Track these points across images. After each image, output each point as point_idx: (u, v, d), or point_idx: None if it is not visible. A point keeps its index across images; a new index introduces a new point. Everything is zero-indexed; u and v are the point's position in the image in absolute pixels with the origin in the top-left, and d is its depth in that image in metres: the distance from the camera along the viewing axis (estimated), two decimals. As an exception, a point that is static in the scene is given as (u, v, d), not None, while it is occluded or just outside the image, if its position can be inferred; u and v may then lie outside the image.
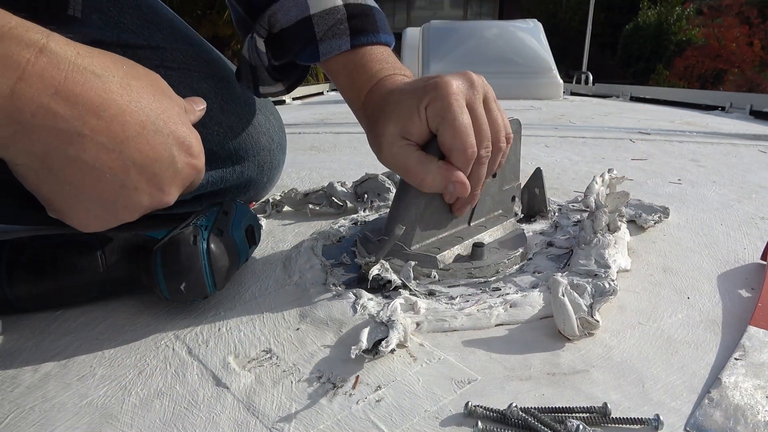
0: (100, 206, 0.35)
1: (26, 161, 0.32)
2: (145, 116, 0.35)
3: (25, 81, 0.30)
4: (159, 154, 0.36)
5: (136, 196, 0.36)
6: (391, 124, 0.46)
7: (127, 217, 0.37)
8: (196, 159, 0.39)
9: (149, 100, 0.35)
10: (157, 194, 0.37)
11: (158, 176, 0.36)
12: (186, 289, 0.42)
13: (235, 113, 0.63)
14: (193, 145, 0.39)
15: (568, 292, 0.42)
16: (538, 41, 2.89)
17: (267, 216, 0.73)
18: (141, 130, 0.34)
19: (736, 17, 10.89)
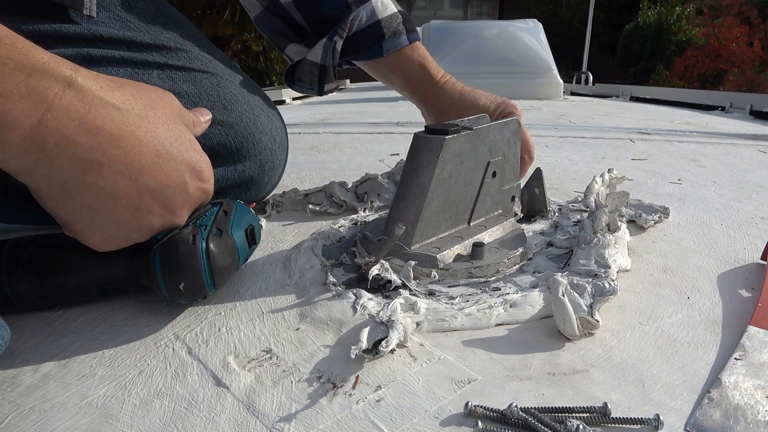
0: (114, 228, 0.38)
1: (47, 186, 0.34)
2: (160, 145, 0.37)
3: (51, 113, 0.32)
4: (172, 180, 0.38)
5: (148, 219, 0.38)
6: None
7: (139, 237, 0.40)
8: (205, 183, 0.42)
9: (164, 129, 0.38)
10: (168, 216, 0.40)
11: (170, 200, 0.39)
12: (185, 288, 0.42)
13: (237, 112, 0.64)
14: (204, 170, 0.41)
15: (568, 291, 0.42)
16: (538, 41, 2.89)
17: (267, 216, 0.73)
18: (156, 159, 0.37)
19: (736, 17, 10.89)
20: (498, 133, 0.56)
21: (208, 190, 0.43)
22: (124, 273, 0.46)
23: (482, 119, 0.58)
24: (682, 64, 10.62)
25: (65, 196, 0.35)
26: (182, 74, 0.60)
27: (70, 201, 0.35)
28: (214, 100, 0.62)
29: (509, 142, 0.58)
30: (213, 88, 0.62)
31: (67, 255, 0.45)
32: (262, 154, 0.67)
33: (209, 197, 0.44)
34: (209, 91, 0.62)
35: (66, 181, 0.34)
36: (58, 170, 0.33)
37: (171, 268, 0.42)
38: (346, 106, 2.46)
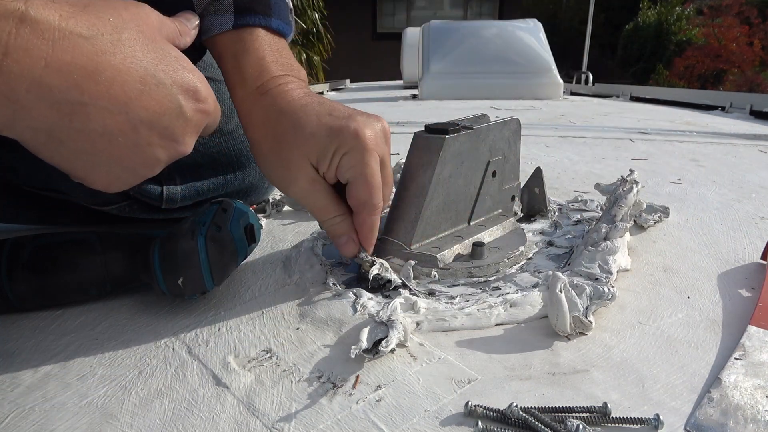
0: (119, 168, 0.35)
1: (34, 138, 0.32)
2: (144, 70, 0.33)
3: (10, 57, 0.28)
4: (165, 106, 0.34)
5: (151, 152, 0.35)
6: (304, 158, 0.44)
7: (149, 172, 0.37)
8: (204, 103, 0.37)
9: (144, 51, 0.33)
10: (172, 146, 0.36)
11: (169, 128, 0.35)
12: (184, 284, 0.42)
13: (235, 118, 0.63)
14: (200, 89, 0.37)
15: (566, 289, 0.42)
16: (538, 41, 2.89)
17: (267, 215, 0.73)
18: (142, 87, 0.33)
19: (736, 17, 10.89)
20: (498, 132, 0.56)
21: (208, 110, 0.38)
22: (123, 271, 0.46)
23: (482, 118, 0.58)
24: (682, 64, 10.62)
25: (57, 144, 0.32)
26: None
27: (64, 149, 0.32)
28: None
29: (509, 141, 0.58)
30: None
31: (66, 254, 0.45)
32: None
33: (213, 119, 0.39)
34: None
35: (52, 130, 0.31)
36: (40, 119, 0.30)
37: (170, 263, 0.42)
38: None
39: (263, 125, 0.45)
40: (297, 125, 0.43)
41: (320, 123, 0.43)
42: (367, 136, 0.43)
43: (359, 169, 0.43)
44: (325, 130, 0.43)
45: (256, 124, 0.46)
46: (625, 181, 0.62)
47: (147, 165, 0.36)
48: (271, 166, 0.46)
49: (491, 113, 0.59)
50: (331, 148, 0.43)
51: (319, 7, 6.10)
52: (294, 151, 0.44)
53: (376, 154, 0.44)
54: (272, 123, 0.44)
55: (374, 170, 0.44)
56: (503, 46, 2.85)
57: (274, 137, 0.44)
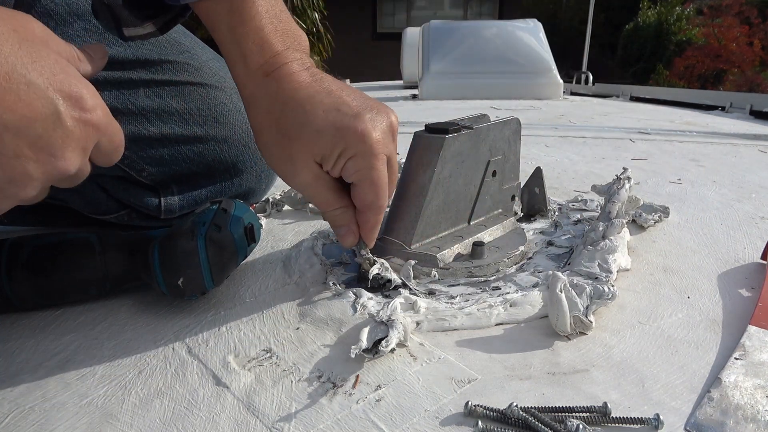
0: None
1: None
2: (10, 66, 0.28)
3: None
4: (37, 111, 0.29)
5: (20, 166, 0.29)
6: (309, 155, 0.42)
7: (20, 192, 0.30)
8: (90, 113, 0.31)
9: (14, 47, 0.29)
10: (47, 161, 0.30)
11: (43, 139, 0.29)
12: (184, 284, 0.42)
13: (229, 124, 0.61)
14: (84, 97, 0.31)
15: (566, 289, 0.42)
16: (538, 41, 2.89)
17: (267, 215, 0.73)
18: (7, 85, 0.28)
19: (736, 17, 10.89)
20: (498, 132, 0.56)
21: (95, 122, 0.32)
22: (123, 271, 0.46)
23: (482, 118, 0.58)
24: (682, 64, 10.62)
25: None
26: (170, 89, 0.58)
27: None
28: (205, 114, 0.59)
29: (509, 141, 0.58)
30: (203, 101, 0.59)
31: (66, 254, 0.45)
32: (258, 164, 0.65)
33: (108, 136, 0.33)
34: (199, 105, 0.59)
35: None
36: None
37: (170, 264, 0.42)
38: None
39: (268, 113, 0.43)
40: (304, 121, 0.42)
41: (327, 120, 0.41)
42: (375, 139, 0.41)
43: (366, 173, 0.42)
44: (332, 129, 0.41)
45: (260, 110, 0.43)
46: (619, 179, 0.62)
47: (15, 182, 0.30)
48: (274, 157, 0.44)
49: (491, 113, 0.59)
50: (337, 149, 0.41)
51: (319, 7, 6.10)
52: (299, 148, 0.42)
53: (383, 156, 0.42)
54: (277, 113, 0.42)
55: (381, 173, 0.43)
56: (503, 46, 2.85)
57: (279, 129, 0.42)
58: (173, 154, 0.58)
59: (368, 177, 0.42)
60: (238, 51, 0.42)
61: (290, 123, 0.42)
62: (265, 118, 0.43)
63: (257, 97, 0.43)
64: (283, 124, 0.42)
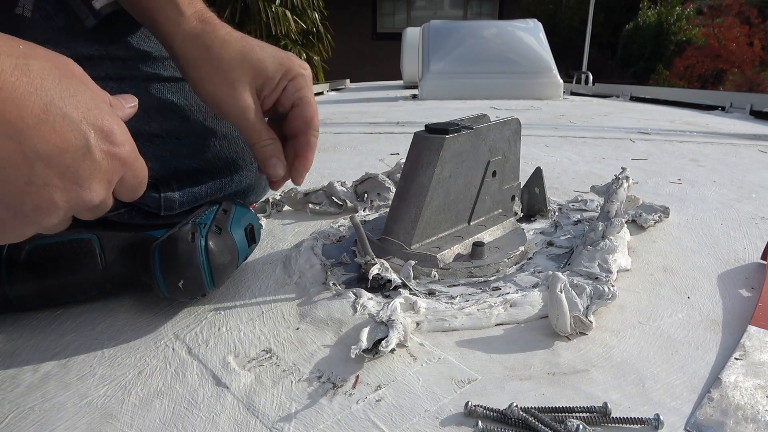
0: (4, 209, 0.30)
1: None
2: (48, 99, 0.30)
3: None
4: (69, 142, 0.30)
5: (47, 194, 0.30)
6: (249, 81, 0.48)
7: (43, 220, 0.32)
8: (118, 147, 0.33)
9: (54, 82, 0.30)
10: (73, 190, 0.31)
11: (72, 169, 0.31)
12: (184, 286, 0.42)
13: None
14: (115, 132, 0.33)
15: (567, 289, 0.42)
16: (538, 41, 2.89)
17: (267, 215, 0.73)
18: (44, 116, 0.29)
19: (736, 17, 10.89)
20: (498, 132, 0.56)
21: (122, 155, 0.34)
22: (123, 271, 0.46)
23: (482, 118, 0.58)
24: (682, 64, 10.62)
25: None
26: (171, 85, 0.58)
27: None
28: (205, 111, 0.60)
29: (509, 141, 0.58)
30: None
31: (66, 254, 0.45)
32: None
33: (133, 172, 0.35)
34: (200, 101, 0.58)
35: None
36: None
37: (170, 265, 0.42)
38: (346, 106, 2.46)
39: (206, 49, 0.48)
40: (245, 51, 0.48)
41: (265, 52, 0.48)
42: (306, 65, 0.50)
43: (306, 92, 0.49)
44: (272, 58, 0.48)
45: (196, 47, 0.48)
46: (618, 178, 0.62)
47: (41, 209, 0.31)
48: (214, 85, 0.48)
49: (491, 113, 0.59)
50: (278, 73, 0.48)
51: (319, 7, 6.10)
52: (240, 75, 0.48)
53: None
54: (217, 48, 0.48)
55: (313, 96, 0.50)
56: (503, 46, 2.85)
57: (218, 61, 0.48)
58: (173, 150, 0.58)
59: (307, 95, 0.49)
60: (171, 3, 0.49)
61: (231, 55, 0.48)
62: (202, 54, 0.48)
63: (193, 37, 0.49)
64: (223, 57, 0.48)
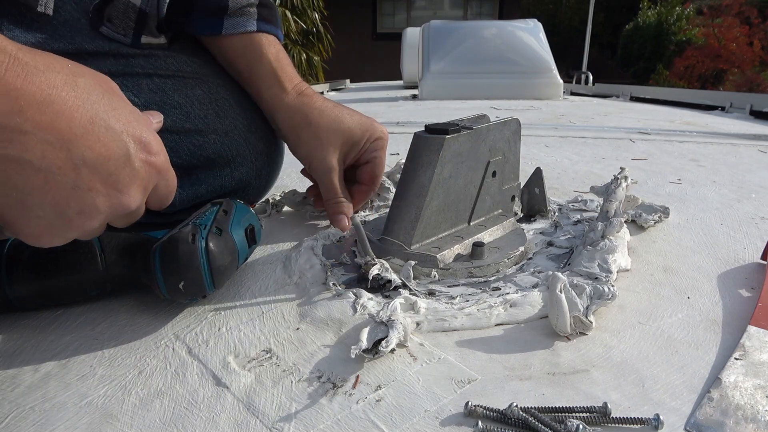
0: (52, 212, 0.32)
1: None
2: (94, 112, 0.32)
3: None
4: (112, 151, 0.33)
5: (90, 198, 0.33)
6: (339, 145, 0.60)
7: (85, 223, 0.34)
8: (155, 156, 0.37)
9: (98, 97, 0.33)
10: (114, 195, 0.34)
11: (114, 175, 0.34)
12: (185, 287, 0.42)
13: (230, 118, 0.62)
14: (152, 143, 0.36)
15: (566, 289, 0.42)
16: (538, 41, 2.89)
17: (267, 216, 0.73)
18: (90, 127, 0.32)
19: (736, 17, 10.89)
20: (498, 132, 0.56)
21: (158, 165, 0.37)
22: (123, 271, 0.46)
23: (482, 119, 0.58)
24: (682, 64, 10.62)
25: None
26: (172, 82, 0.58)
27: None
28: (206, 108, 0.60)
29: (509, 141, 0.58)
30: (205, 95, 0.60)
31: (66, 254, 0.45)
32: (258, 159, 0.66)
33: (165, 180, 0.39)
34: (201, 98, 0.60)
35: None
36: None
37: (171, 267, 0.42)
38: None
39: (306, 118, 0.59)
40: (337, 120, 0.60)
41: (353, 120, 0.60)
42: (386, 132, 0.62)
43: (380, 153, 0.62)
44: (359, 125, 0.60)
45: (296, 117, 0.60)
46: (616, 178, 0.62)
47: (84, 213, 0.33)
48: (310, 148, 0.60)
49: (491, 113, 0.59)
50: (363, 138, 0.61)
51: (319, 7, 6.10)
52: (333, 140, 0.59)
53: None
54: (315, 117, 0.59)
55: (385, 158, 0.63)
56: (503, 46, 2.85)
57: (318, 128, 0.59)
58: (174, 146, 0.59)
59: (380, 156, 0.62)
60: (274, 78, 0.61)
61: (326, 123, 0.59)
62: (303, 122, 0.60)
63: (294, 109, 0.60)
64: (321, 125, 0.59)
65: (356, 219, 0.53)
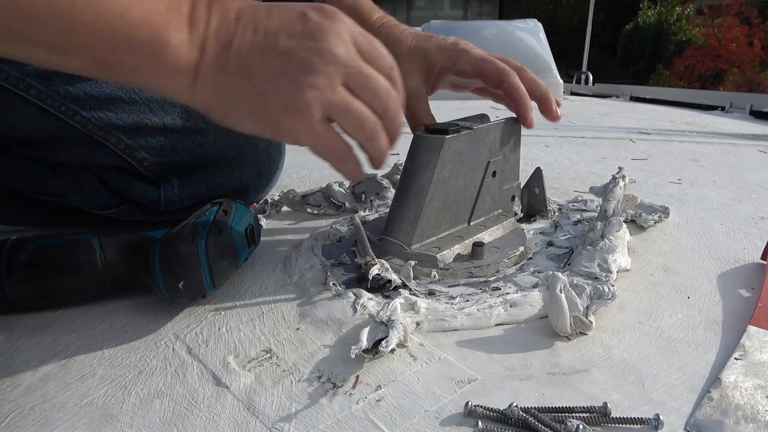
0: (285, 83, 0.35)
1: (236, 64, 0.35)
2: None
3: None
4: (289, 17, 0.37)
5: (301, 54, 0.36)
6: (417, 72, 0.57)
7: (311, 80, 0.36)
8: (326, 10, 0.39)
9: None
10: (313, 46, 0.36)
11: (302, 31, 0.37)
12: (184, 287, 0.42)
13: None
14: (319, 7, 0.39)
15: (566, 289, 0.42)
16: (538, 41, 2.89)
17: (267, 216, 0.73)
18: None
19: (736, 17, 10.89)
20: (498, 132, 0.56)
21: (329, 12, 0.39)
22: (123, 271, 0.46)
23: (482, 118, 0.58)
24: (682, 64, 10.62)
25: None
26: None
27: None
28: None
29: (509, 141, 0.58)
30: None
31: (66, 254, 0.45)
32: (259, 159, 0.66)
33: (344, 21, 0.40)
34: None
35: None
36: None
37: (170, 266, 0.42)
38: (346, 106, 2.45)
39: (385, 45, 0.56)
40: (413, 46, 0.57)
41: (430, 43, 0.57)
42: (467, 43, 0.57)
43: (466, 55, 0.56)
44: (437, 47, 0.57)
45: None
46: (615, 178, 0.62)
47: (304, 68, 0.36)
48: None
49: (491, 113, 0.59)
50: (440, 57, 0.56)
51: (319, 7, 6.09)
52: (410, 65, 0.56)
53: None
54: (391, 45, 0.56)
55: (477, 49, 0.57)
56: (503, 46, 2.84)
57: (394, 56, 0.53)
58: (174, 145, 0.59)
59: (469, 51, 0.57)
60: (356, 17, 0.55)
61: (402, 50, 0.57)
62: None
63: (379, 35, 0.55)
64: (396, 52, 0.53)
65: (356, 219, 0.53)
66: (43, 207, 0.64)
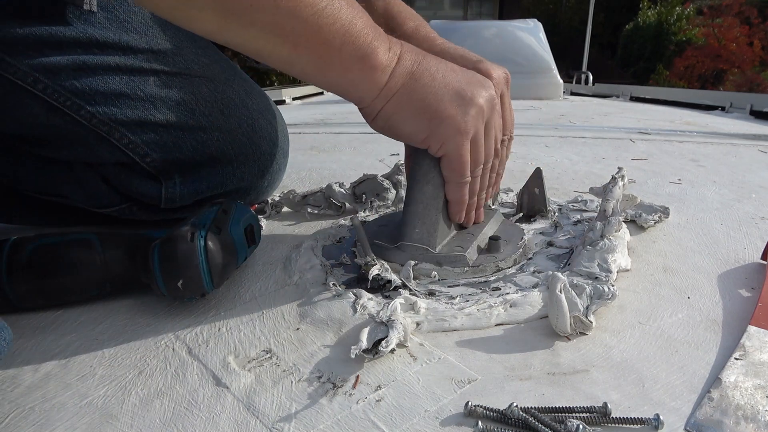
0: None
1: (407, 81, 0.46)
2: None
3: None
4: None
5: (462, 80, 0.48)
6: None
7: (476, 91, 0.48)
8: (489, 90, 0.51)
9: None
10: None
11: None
12: (183, 286, 0.42)
13: (235, 117, 0.63)
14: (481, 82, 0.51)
15: (566, 289, 0.42)
16: (538, 41, 2.89)
17: (267, 216, 0.73)
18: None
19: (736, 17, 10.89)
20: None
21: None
22: (123, 271, 0.46)
23: None
24: (682, 64, 10.62)
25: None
26: (179, 80, 0.59)
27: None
28: (211, 106, 0.61)
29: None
30: (210, 93, 0.61)
31: (66, 254, 0.45)
32: (261, 159, 0.66)
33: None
34: (206, 97, 0.60)
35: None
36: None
37: (169, 265, 0.42)
38: (347, 106, 2.45)
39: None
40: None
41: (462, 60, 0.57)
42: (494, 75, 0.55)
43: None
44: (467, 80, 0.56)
45: None
46: (614, 178, 0.63)
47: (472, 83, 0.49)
48: None
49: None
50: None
51: (319, 7, 6.08)
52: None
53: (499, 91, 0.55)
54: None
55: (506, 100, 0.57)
56: (503, 46, 2.84)
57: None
58: (177, 142, 0.59)
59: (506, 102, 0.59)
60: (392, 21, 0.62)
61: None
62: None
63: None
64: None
65: (357, 219, 0.53)
66: (43, 207, 0.64)
